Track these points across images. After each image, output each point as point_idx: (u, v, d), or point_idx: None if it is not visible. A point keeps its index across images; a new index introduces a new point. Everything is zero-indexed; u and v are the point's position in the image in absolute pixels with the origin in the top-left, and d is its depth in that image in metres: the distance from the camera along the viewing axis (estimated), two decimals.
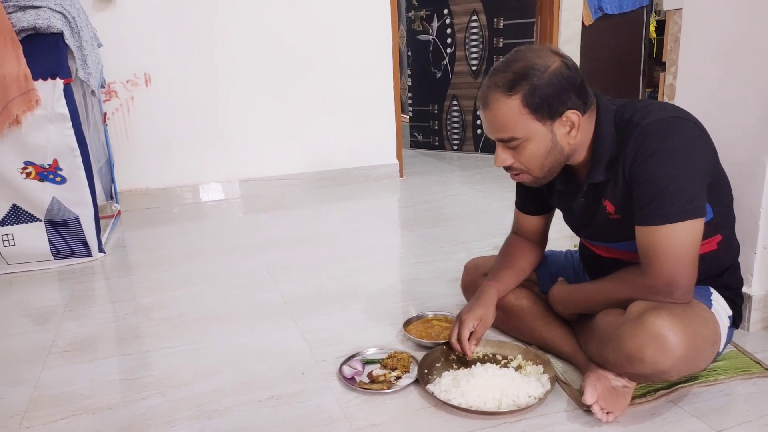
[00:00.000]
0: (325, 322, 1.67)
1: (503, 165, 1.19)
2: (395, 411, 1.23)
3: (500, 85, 1.12)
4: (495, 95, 1.13)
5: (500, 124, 1.14)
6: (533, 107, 1.11)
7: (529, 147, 1.15)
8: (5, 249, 2.18)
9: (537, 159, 1.17)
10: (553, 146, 1.16)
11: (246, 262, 2.23)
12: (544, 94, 1.10)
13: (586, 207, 1.27)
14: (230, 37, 3.11)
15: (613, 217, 1.22)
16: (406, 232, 2.60)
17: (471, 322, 1.33)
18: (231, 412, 1.25)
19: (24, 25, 2.12)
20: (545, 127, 1.13)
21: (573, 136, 1.16)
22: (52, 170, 2.16)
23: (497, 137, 1.17)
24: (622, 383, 1.17)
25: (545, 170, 1.19)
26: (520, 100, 1.11)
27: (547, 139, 1.14)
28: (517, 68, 1.12)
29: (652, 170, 1.09)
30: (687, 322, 1.08)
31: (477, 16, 4.08)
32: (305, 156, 3.40)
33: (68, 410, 1.29)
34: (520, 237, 1.49)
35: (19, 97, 2.05)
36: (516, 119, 1.12)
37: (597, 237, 1.34)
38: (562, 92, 1.11)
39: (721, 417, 1.16)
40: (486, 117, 1.17)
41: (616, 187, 1.18)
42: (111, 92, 2.96)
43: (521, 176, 1.22)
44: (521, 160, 1.18)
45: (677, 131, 1.10)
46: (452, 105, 4.34)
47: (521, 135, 1.14)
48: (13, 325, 1.77)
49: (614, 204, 1.20)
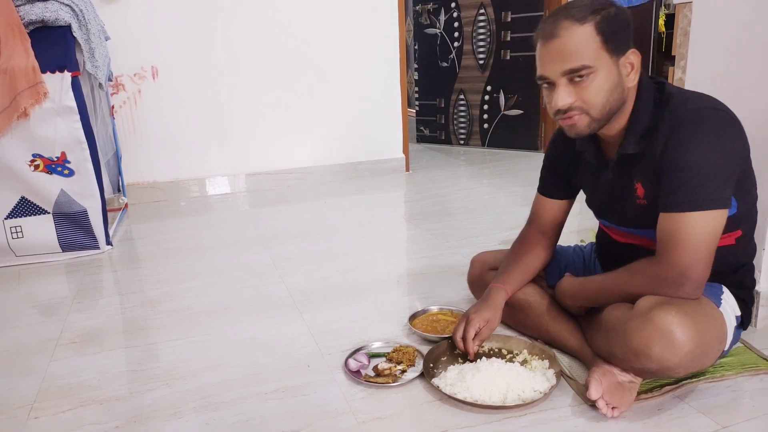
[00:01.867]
0: (330, 316, 1.68)
1: (564, 104, 1.14)
2: (400, 404, 1.23)
3: (572, 15, 1.12)
4: (566, 23, 1.11)
5: (571, 51, 1.11)
6: (605, 36, 1.11)
7: (596, 79, 1.12)
8: (14, 241, 2.20)
9: (602, 94, 1.13)
10: (617, 83, 1.14)
11: (252, 255, 2.24)
12: (614, 25, 1.11)
13: (613, 184, 1.26)
14: (237, 31, 3.11)
15: (640, 201, 1.21)
16: (412, 226, 2.60)
17: (477, 322, 1.33)
18: (237, 404, 1.26)
19: (32, 17, 2.13)
20: (612, 61, 1.13)
21: (632, 79, 1.16)
22: (60, 163, 2.17)
23: (566, 68, 1.12)
24: (627, 378, 1.17)
25: (606, 110, 1.15)
26: (593, 27, 1.11)
27: (613, 73, 1.14)
28: (583, 2, 1.13)
29: (683, 157, 1.09)
30: (696, 319, 1.08)
31: (484, 10, 4.05)
32: (311, 150, 3.40)
33: (76, 401, 1.30)
34: (534, 232, 1.48)
35: (27, 90, 2.06)
36: (588, 46, 1.11)
37: (619, 220, 1.31)
38: (627, 28, 1.14)
39: (728, 413, 1.16)
40: (554, 47, 1.13)
41: (648, 169, 1.17)
42: (118, 85, 2.97)
43: (578, 118, 1.16)
44: (585, 97, 1.13)
45: (713, 122, 1.10)
46: (459, 99, 4.32)
47: (592, 63, 1.11)
48: (21, 317, 1.79)
49: (645, 188, 1.19)
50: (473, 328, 1.33)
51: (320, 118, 3.37)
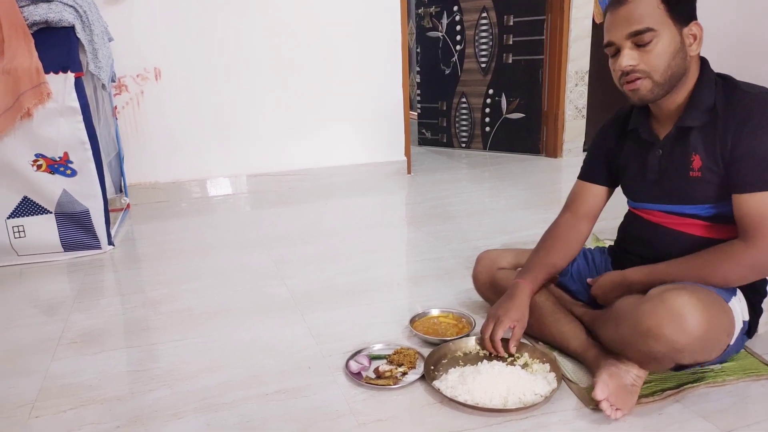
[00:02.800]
0: (331, 317, 1.68)
1: (628, 65, 1.19)
2: (401, 407, 1.23)
3: None
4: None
5: (638, 15, 1.17)
6: (669, 3, 1.16)
7: (660, 43, 1.17)
8: (16, 240, 2.20)
9: (664, 58, 1.18)
10: (680, 49, 1.19)
11: (253, 256, 2.24)
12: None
13: (663, 159, 1.27)
14: (240, 33, 3.11)
15: (693, 174, 1.22)
16: (413, 228, 2.60)
17: (508, 323, 1.33)
18: (237, 405, 1.26)
19: (36, 18, 2.14)
20: (676, 29, 1.18)
21: (694, 49, 1.20)
22: (62, 163, 2.17)
23: (631, 30, 1.17)
24: (630, 381, 1.17)
25: (668, 74, 1.19)
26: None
27: (676, 39, 1.18)
28: None
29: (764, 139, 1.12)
30: (708, 305, 1.09)
31: (487, 13, 4.06)
32: (313, 151, 3.40)
33: (77, 401, 1.30)
34: (568, 218, 1.46)
35: (30, 90, 2.06)
36: (654, 11, 1.16)
37: (662, 197, 1.30)
38: (691, 1, 1.19)
39: (728, 418, 1.16)
40: (621, 13, 1.18)
41: (710, 143, 1.19)
42: (121, 86, 2.97)
43: (641, 83, 1.20)
44: (648, 60, 1.18)
45: None
46: (461, 102, 4.33)
47: (656, 27, 1.16)
48: (23, 316, 1.79)
49: (702, 160, 1.20)
50: (502, 329, 1.32)
51: (322, 120, 3.37)
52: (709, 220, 1.24)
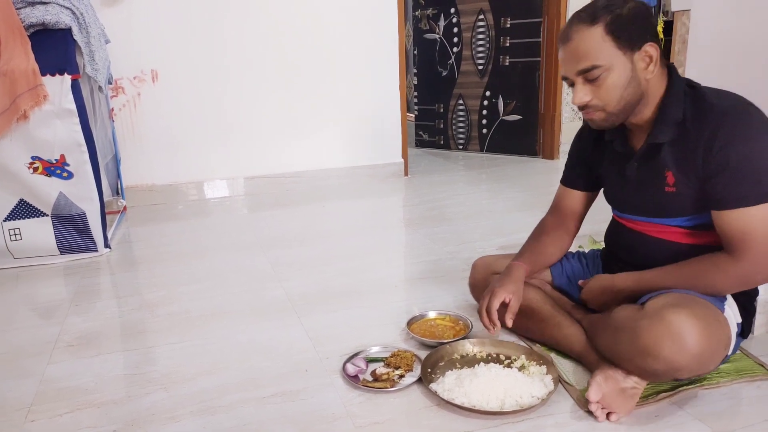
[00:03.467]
0: (328, 320, 1.68)
1: (581, 102, 1.20)
2: (398, 409, 1.24)
3: (583, 18, 1.17)
4: (577, 27, 1.17)
5: (582, 53, 1.16)
6: (615, 34, 1.14)
7: (610, 77, 1.16)
8: (12, 243, 2.20)
9: (616, 90, 1.18)
10: (632, 78, 1.17)
11: (250, 259, 2.24)
12: (625, 22, 1.14)
13: (640, 173, 1.27)
14: (237, 35, 3.11)
15: (669, 189, 1.22)
16: (410, 230, 2.61)
17: (503, 294, 1.33)
18: (234, 408, 1.26)
19: (33, 20, 2.13)
20: (626, 57, 1.16)
21: (651, 71, 1.18)
22: (59, 165, 2.17)
23: (579, 69, 1.18)
24: (630, 384, 1.16)
25: (622, 104, 1.19)
26: (602, 28, 1.15)
27: (627, 69, 1.17)
28: (599, 3, 1.17)
29: (737, 154, 1.10)
30: (706, 322, 1.09)
31: (484, 16, 4.07)
32: (310, 154, 3.40)
33: (73, 404, 1.30)
34: (553, 221, 1.49)
35: (27, 93, 2.06)
36: (599, 46, 1.15)
37: (643, 211, 1.30)
38: (641, 24, 1.16)
39: (724, 420, 1.16)
40: (567, 51, 1.19)
41: (681, 157, 1.18)
42: (118, 88, 2.97)
43: (596, 114, 1.22)
44: (600, 95, 1.19)
45: (756, 117, 1.13)
46: (458, 104, 4.33)
47: (603, 63, 1.16)
48: (19, 319, 1.79)
49: (675, 176, 1.20)
50: (498, 299, 1.32)
51: (319, 122, 3.37)
52: (692, 228, 1.24)
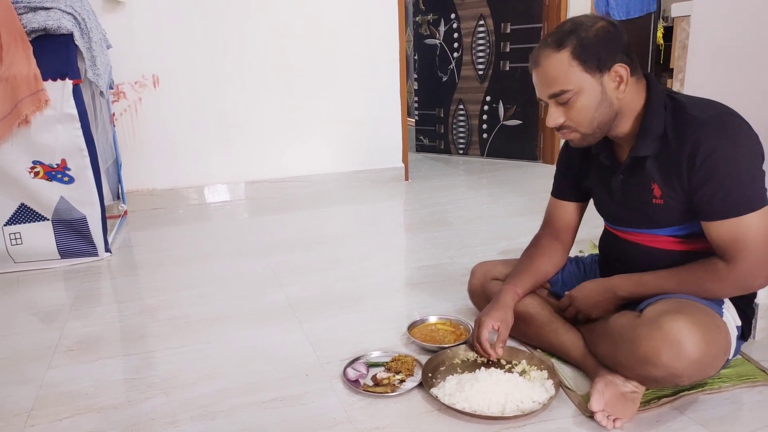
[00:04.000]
0: (329, 325, 1.67)
1: (555, 124, 1.21)
2: (399, 414, 1.23)
3: (550, 43, 1.18)
4: (545, 52, 1.18)
5: (551, 78, 1.18)
6: (582, 58, 1.15)
7: (580, 100, 1.17)
8: (13, 247, 2.20)
9: (587, 112, 1.19)
10: (602, 99, 1.18)
11: (251, 263, 2.24)
12: (591, 45, 1.15)
13: (625, 185, 1.27)
14: (238, 41, 3.12)
15: (656, 201, 1.22)
16: (411, 235, 2.61)
17: (489, 323, 1.34)
18: (235, 413, 1.25)
19: (34, 25, 2.14)
20: (594, 79, 1.17)
21: (622, 91, 1.18)
22: (60, 170, 2.17)
23: (549, 93, 1.19)
24: (630, 389, 1.16)
25: (594, 125, 1.20)
26: (569, 53, 1.15)
27: (596, 91, 1.17)
28: (565, 27, 1.18)
29: (720, 164, 1.10)
30: (704, 328, 1.09)
31: (484, 21, 4.08)
32: (311, 158, 3.41)
33: (73, 409, 1.29)
34: (548, 236, 1.49)
35: (28, 97, 2.06)
36: (566, 71, 1.16)
37: (632, 222, 1.31)
38: (609, 45, 1.16)
39: (726, 425, 1.16)
40: (537, 75, 1.21)
41: (665, 169, 1.18)
42: (119, 93, 2.98)
43: (571, 134, 1.24)
44: (572, 117, 1.20)
45: (738, 127, 1.13)
46: (458, 109, 4.34)
47: (572, 87, 1.16)
48: (19, 324, 1.78)
49: (662, 188, 1.20)
50: (486, 329, 1.34)
51: (320, 127, 3.38)
52: (683, 237, 1.24)
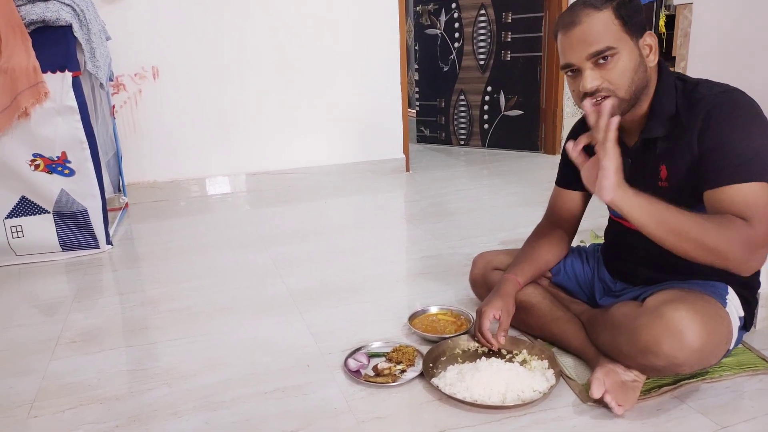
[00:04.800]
0: (330, 315, 1.68)
1: (593, 87, 1.17)
2: (400, 404, 1.24)
3: (590, 3, 1.17)
4: (586, 11, 1.17)
5: (594, 35, 1.15)
6: (623, 19, 1.15)
7: (621, 60, 1.16)
8: (14, 240, 2.20)
9: (627, 74, 1.17)
10: (640, 62, 1.18)
11: (252, 255, 2.24)
12: (630, 9, 1.16)
13: (633, 170, 1.25)
14: (238, 32, 3.11)
15: (662, 183, 1.21)
16: (412, 226, 2.61)
17: (490, 312, 1.34)
18: (237, 403, 1.26)
19: (33, 17, 2.13)
20: (633, 42, 1.17)
21: (651, 60, 1.19)
22: (60, 162, 2.17)
23: (591, 51, 1.15)
24: (631, 377, 1.17)
25: (632, 89, 1.18)
26: (611, 11, 1.15)
27: (635, 53, 1.17)
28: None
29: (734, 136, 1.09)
30: (705, 317, 1.08)
31: (485, 11, 4.06)
32: (312, 150, 3.40)
33: (76, 400, 1.30)
34: (550, 225, 1.48)
35: (28, 90, 2.06)
36: (610, 29, 1.15)
37: None
38: (641, 12, 1.18)
39: (727, 413, 1.16)
40: (576, 35, 1.16)
41: (676, 150, 1.17)
42: (119, 85, 2.97)
43: (607, 100, 1.17)
44: (611, 78, 1.16)
45: (750, 104, 1.13)
46: (459, 100, 4.33)
47: (615, 45, 1.15)
48: (21, 316, 1.79)
49: (670, 171, 1.19)
50: (487, 320, 1.34)
51: (320, 119, 3.37)
52: None
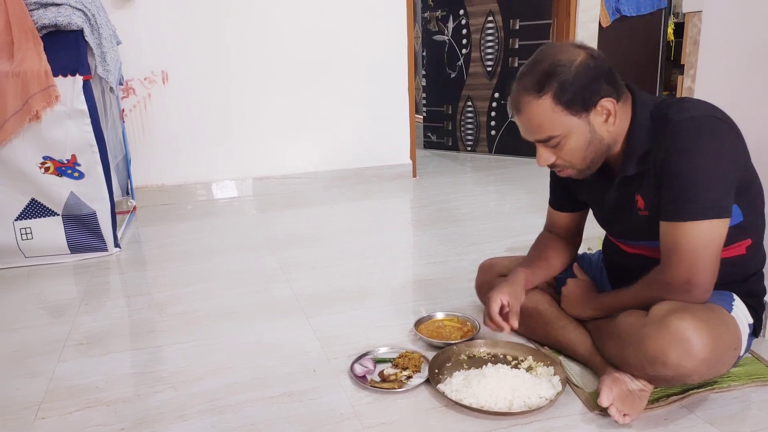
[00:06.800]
0: (336, 320, 1.68)
1: (546, 163, 1.19)
2: (406, 410, 1.23)
3: (529, 88, 1.13)
4: (525, 99, 1.14)
5: (535, 125, 1.15)
6: (566, 103, 1.11)
7: (568, 142, 1.15)
8: (23, 242, 2.21)
9: (578, 152, 1.17)
10: (592, 137, 1.16)
11: (259, 259, 2.24)
12: (573, 88, 1.11)
13: (618, 201, 1.26)
14: (247, 37, 3.13)
15: (642, 213, 1.21)
16: (418, 232, 2.60)
17: (499, 297, 1.32)
18: (243, 407, 1.26)
19: (45, 22, 2.15)
20: (581, 119, 1.14)
21: (611, 124, 1.16)
22: (70, 165, 2.18)
23: (535, 139, 1.17)
24: (638, 386, 1.16)
25: (588, 161, 1.19)
26: (551, 99, 1.11)
27: (585, 131, 1.15)
28: (543, 68, 1.12)
29: (681, 167, 1.09)
30: (711, 325, 1.08)
31: (493, 17, 4.06)
32: (319, 155, 3.41)
33: (83, 402, 1.30)
34: (553, 234, 1.49)
35: (39, 93, 2.08)
36: (550, 118, 1.13)
37: (625, 234, 1.32)
38: (591, 83, 1.12)
39: (735, 424, 1.15)
40: (520, 121, 1.17)
41: (649, 181, 1.17)
42: (129, 89, 2.99)
43: (566, 171, 1.22)
44: (563, 156, 1.18)
45: (709, 130, 1.10)
46: (466, 106, 4.33)
47: (558, 132, 1.14)
48: (29, 318, 1.80)
49: (645, 199, 1.19)
50: (495, 304, 1.32)
51: (328, 124, 3.38)
52: None
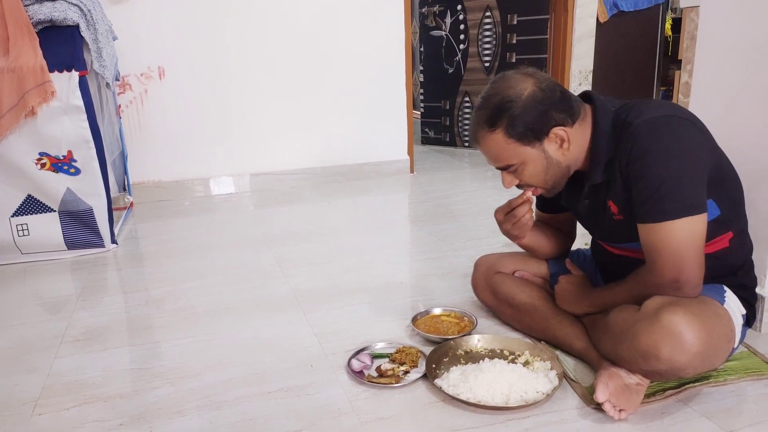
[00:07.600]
0: (334, 316, 1.68)
1: (511, 186, 1.26)
2: (403, 405, 1.24)
3: (482, 123, 1.20)
4: (481, 132, 1.21)
5: (493, 156, 1.22)
6: (517, 136, 1.17)
7: (527, 169, 1.22)
8: (20, 238, 2.21)
9: (538, 176, 1.23)
10: (548, 163, 1.22)
11: (256, 255, 2.24)
12: (522, 121, 1.16)
13: (591, 208, 1.31)
14: (244, 32, 3.12)
15: (617, 218, 1.24)
16: (415, 228, 2.60)
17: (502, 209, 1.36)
18: (240, 403, 1.26)
19: (41, 17, 2.15)
20: (535, 148, 1.19)
21: (566, 148, 1.21)
22: (66, 161, 2.18)
23: (496, 166, 1.25)
24: (635, 381, 1.16)
25: (550, 183, 1.25)
26: (503, 133, 1.18)
27: (540, 158, 1.21)
28: (494, 103, 1.18)
29: (646, 169, 1.12)
30: (703, 318, 1.08)
31: (490, 12, 4.06)
32: (316, 151, 3.40)
33: (80, 398, 1.30)
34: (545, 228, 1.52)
35: (35, 89, 2.07)
36: (505, 149, 1.19)
37: (606, 237, 1.36)
38: (541, 115, 1.17)
39: (731, 417, 1.16)
40: (481, 151, 1.25)
41: (617, 187, 1.20)
42: (125, 85, 2.98)
43: (535, 191, 1.29)
44: (525, 180, 1.25)
45: (669, 129, 1.12)
46: (464, 101, 4.33)
47: (515, 161, 1.21)
48: (26, 314, 1.80)
49: (617, 205, 1.22)
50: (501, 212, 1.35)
51: (325, 119, 3.38)
52: None
